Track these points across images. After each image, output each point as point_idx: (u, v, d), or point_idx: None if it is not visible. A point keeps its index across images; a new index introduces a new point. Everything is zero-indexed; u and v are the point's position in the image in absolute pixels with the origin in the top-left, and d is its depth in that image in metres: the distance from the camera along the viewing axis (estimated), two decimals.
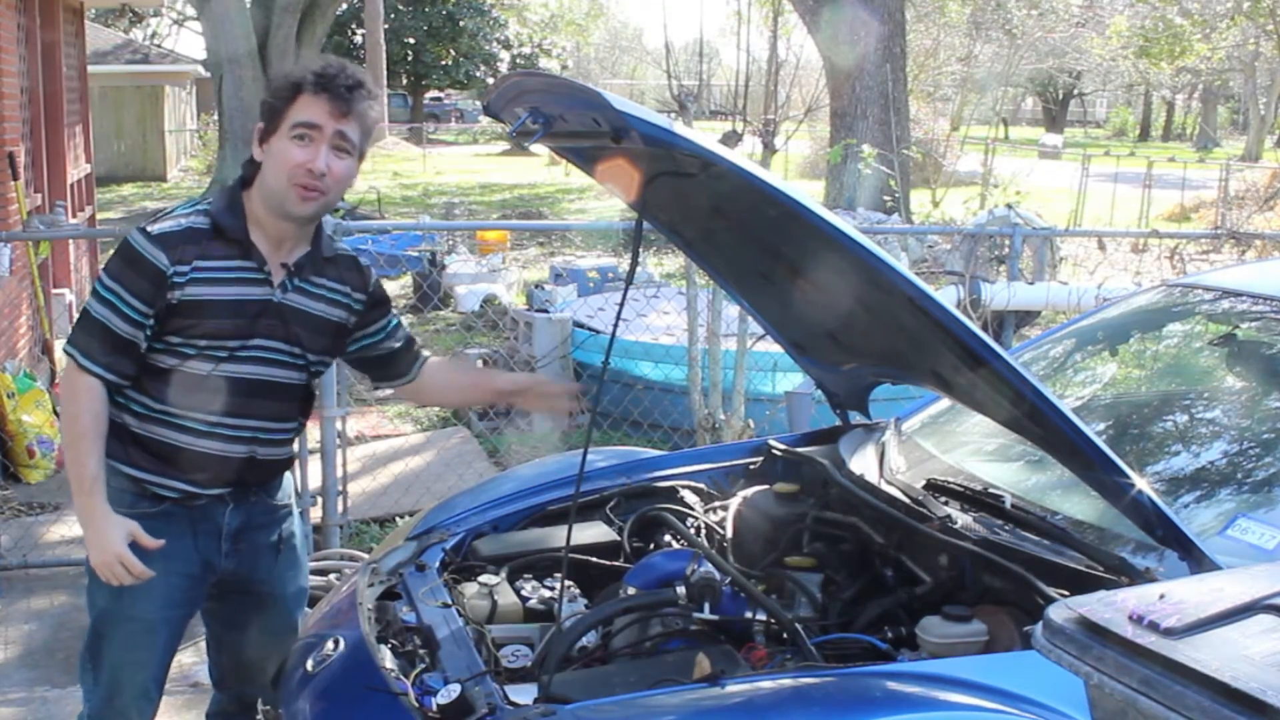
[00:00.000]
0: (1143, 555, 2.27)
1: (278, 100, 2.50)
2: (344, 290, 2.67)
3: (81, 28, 13.96)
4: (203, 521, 2.60)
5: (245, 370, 2.53)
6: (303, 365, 2.62)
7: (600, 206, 20.09)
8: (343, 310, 2.67)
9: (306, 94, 2.47)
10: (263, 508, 2.70)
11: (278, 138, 2.48)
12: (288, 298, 2.56)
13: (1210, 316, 3.41)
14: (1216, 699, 1.31)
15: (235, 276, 2.50)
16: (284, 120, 2.47)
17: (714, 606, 2.40)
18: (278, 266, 2.55)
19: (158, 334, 2.47)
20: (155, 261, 2.43)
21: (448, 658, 2.30)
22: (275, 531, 2.75)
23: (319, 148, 2.46)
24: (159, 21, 37.16)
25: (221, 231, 2.49)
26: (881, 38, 14.34)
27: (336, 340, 2.70)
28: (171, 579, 2.56)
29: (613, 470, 3.22)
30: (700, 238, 3.06)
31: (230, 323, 2.49)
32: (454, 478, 5.62)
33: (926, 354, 2.58)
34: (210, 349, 2.49)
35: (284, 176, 2.45)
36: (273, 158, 2.48)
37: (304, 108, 2.47)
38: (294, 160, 2.45)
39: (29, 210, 7.55)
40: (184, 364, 2.49)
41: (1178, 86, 45.90)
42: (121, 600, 2.54)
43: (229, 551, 2.66)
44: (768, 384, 6.28)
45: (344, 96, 2.47)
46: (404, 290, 12.13)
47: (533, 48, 42.58)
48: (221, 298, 2.48)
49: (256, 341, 2.53)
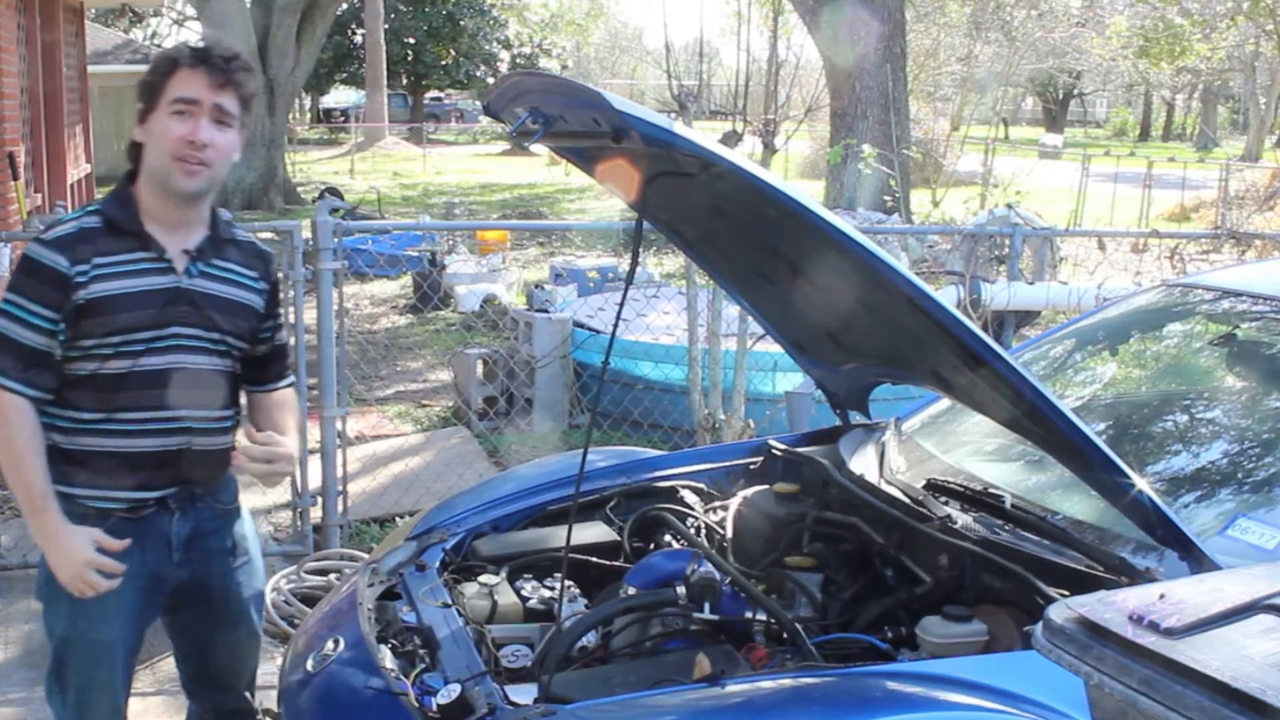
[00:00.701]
0: (1143, 555, 2.28)
1: (154, 77, 2.46)
2: (250, 275, 2.62)
3: (81, 28, 13.97)
4: (150, 534, 2.54)
5: (166, 361, 2.49)
6: (224, 350, 2.58)
7: (600, 206, 20.09)
8: (253, 294, 2.63)
9: (183, 68, 2.44)
10: (210, 512, 2.64)
11: (157, 115, 2.45)
12: (195, 282, 2.52)
13: (1210, 316, 3.41)
14: (1216, 699, 1.31)
15: (137, 268, 2.46)
16: (162, 97, 2.44)
17: (714, 606, 2.40)
18: (179, 253, 2.51)
19: (71, 340, 2.43)
20: (55, 266, 2.40)
21: (448, 658, 2.30)
22: (227, 536, 2.69)
23: (199, 121, 2.42)
24: (159, 21, 37.20)
25: (115, 226, 2.47)
26: (881, 38, 14.33)
27: (252, 324, 2.64)
28: (125, 595, 2.51)
29: (613, 470, 3.23)
30: (700, 238, 3.06)
31: (140, 314, 2.45)
32: (454, 478, 5.62)
33: (926, 354, 2.58)
34: (125, 345, 2.45)
35: (166, 153, 2.42)
36: (153, 136, 2.45)
37: (181, 83, 2.43)
38: (174, 135, 2.42)
39: (29, 210, 7.55)
40: (103, 366, 2.45)
41: (1178, 86, 45.89)
42: (78, 625, 2.52)
43: (181, 561, 2.60)
44: (768, 384, 6.28)
45: (221, 68, 2.44)
46: (404, 290, 12.14)
47: (533, 48, 42.58)
48: (127, 291, 2.45)
49: (172, 330, 2.49)
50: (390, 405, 7.85)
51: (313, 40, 21.05)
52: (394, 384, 8.56)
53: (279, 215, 18.04)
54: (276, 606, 4.49)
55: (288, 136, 23.95)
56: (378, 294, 12.22)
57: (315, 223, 5.03)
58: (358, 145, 33.19)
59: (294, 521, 5.33)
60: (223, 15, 19.25)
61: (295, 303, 5.01)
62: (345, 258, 5.52)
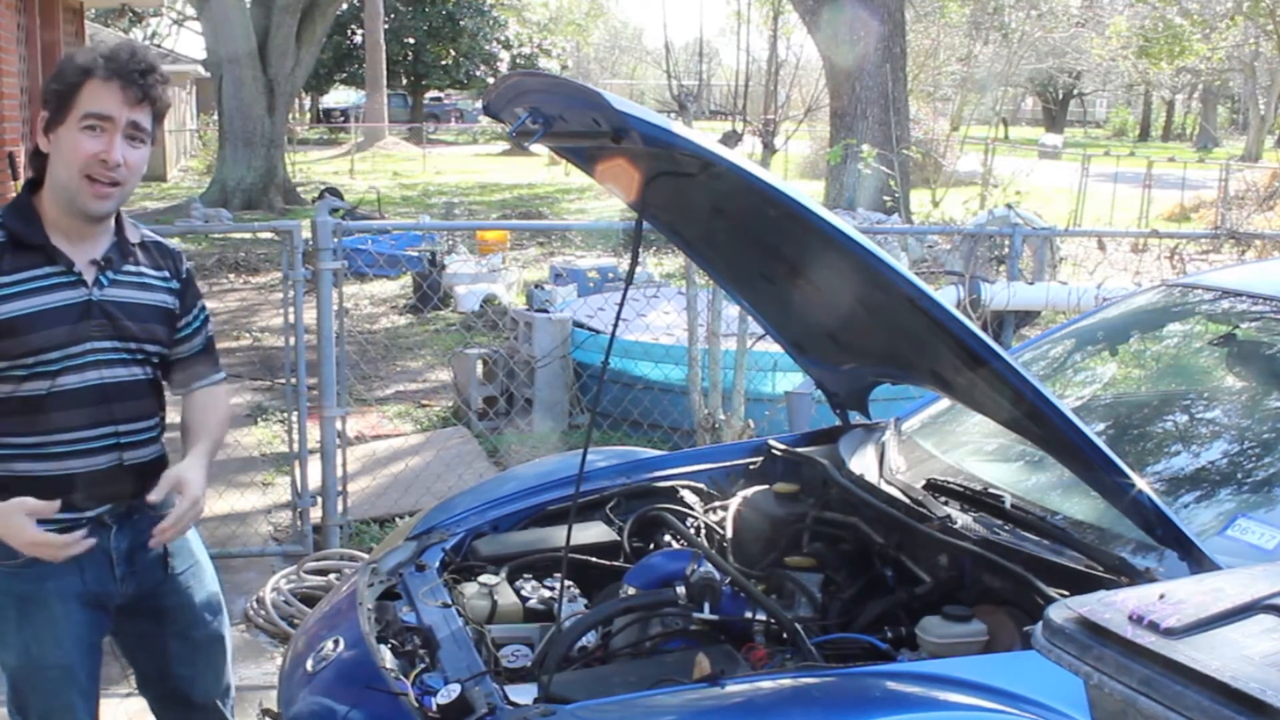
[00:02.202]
0: (1143, 555, 2.28)
1: (63, 86, 2.31)
2: (160, 275, 2.53)
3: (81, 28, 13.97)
4: (89, 553, 2.41)
5: (85, 378, 2.39)
6: (142, 359, 2.48)
7: (600, 206, 20.10)
8: (165, 294, 2.53)
9: (96, 80, 2.30)
10: (148, 522, 2.49)
11: (66, 128, 2.31)
12: (106, 293, 2.41)
13: (1210, 316, 3.41)
14: (1216, 699, 1.31)
15: (44, 285, 2.35)
16: (72, 109, 2.30)
17: (714, 606, 2.40)
18: (87, 264, 2.40)
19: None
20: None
21: (448, 658, 2.30)
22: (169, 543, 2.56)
23: (112, 138, 2.30)
24: (159, 21, 37.17)
25: (18, 240, 2.34)
26: (881, 38, 14.33)
27: (168, 327, 2.54)
28: (73, 618, 2.45)
29: (613, 470, 3.23)
30: (700, 238, 3.06)
31: (52, 333, 2.34)
32: (454, 478, 5.62)
33: (926, 354, 2.58)
34: (40, 365, 2.34)
35: (75, 169, 2.30)
36: (61, 150, 2.32)
37: (94, 96, 2.30)
38: (86, 152, 2.30)
39: None
40: (19, 388, 2.34)
41: (1178, 86, 45.92)
42: (30, 653, 2.44)
43: (124, 575, 2.51)
44: (768, 384, 6.28)
45: (137, 83, 2.31)
46: (404, 290, 12.14)
47: (533, 48, 42.61)
48: (35, 309, 2.33)
49: (87, 346, 2.38)
50: (390, 405, 7.85)
51: (313, 40, 21.05)
52: (394, 384, 8.56)
53: (279, 215, 18.05)
54: (276, 607, 4.49)
55: (287, 136, 23.94)
56: (378, 294, 12.22)
57: (315, 223, 5.03)
58: (357, 145, 33.20)
59: (294, 521, 5.33)
60: (222, 15, 19.27)
61: (295, 303, 5.02)
62: (345, 258, 5.52)
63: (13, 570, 2.41)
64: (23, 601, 2.43)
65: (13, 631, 2.44)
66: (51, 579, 2.42)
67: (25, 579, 2.41)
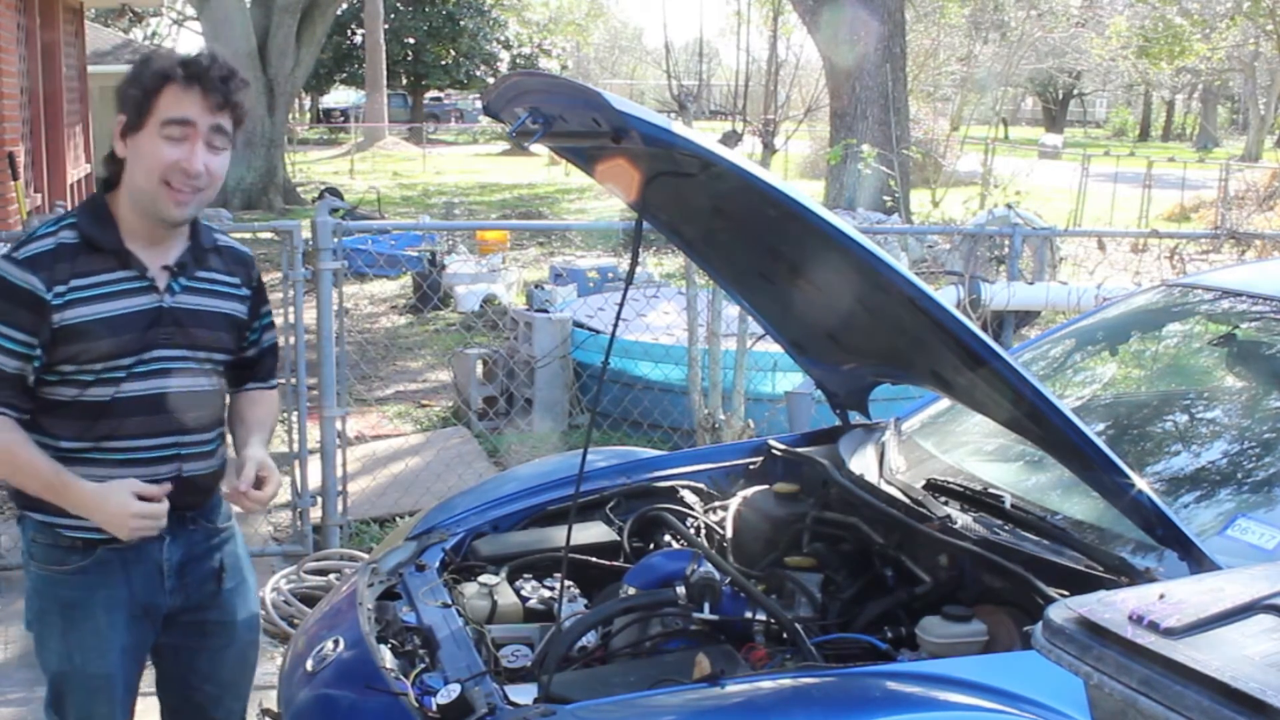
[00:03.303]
0: (1143, 555, 2.27)
1: (140, 91, 2.25)
2: (233, 282, 2.48)
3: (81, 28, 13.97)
4: (140, 563, 2.40)
5: (150, 386, 2.34)
6: (209, 368, 2.44)
7: (600, 206, 20.10)
8: (235, 302, 2.48)
9: (175, 86, 2.24)
10: (202, 534, 2.50)
11: (145, 135, 2.25)
12: (178, 300, 2.37)
13: (1210, 316, 3.41)
14: (1216, 699, 1.31)
15: (117, 289, 2.30)
16: (151, 115, 2.24)
17: (714, 606, 2.40)
18: (159, 270, 2.35)
19: (48, 365, 2.27)
20: (30, 288, 2.23)
21: (448, 658, 2.30)
22: (219, 558, 2.55)
23: (194, 145, 2.25)
24: (159, 21, 37.19)
25: (93, 244, 2.29)
26: (881, 38, 14.33)
27: (237, 335, 2.50)
28: (118, 628, 2.41)
29: (613, 470, 3.22)
30: (700, 238, 3.06)
31: (122, 340, 2.29)
32: (454, 478, 5.62)
33: (926, 354, 2.58)
34: (107, 372, 2.30)
35: (155, 176, 2.25)
36: (141, 157, 2.27)
37: (175, 102, 2.24)
38: (166, 160, 2.25)
39: (29, 210, 7.55)
40: (84, 393, 2.30)
41: (1178, 86, 45.90)
42: (73, 659, 2.41)
43: (173, 588, 2.46)
44: (768, 384, 6.28)
45: (218, 88, 2.26)
46: (404, 290, 12.14)
47: (533, 48, 42.61)
48: (107, 314, 2.28)
49: (155, 353, 2.34)
50: (390, 405, 7.85)
51: (313, 40, 21.06)
52: (394, 384, 8.56)
53: (279, 215, 18.04)
54: (276, 606, 4.49)
55: (287, 136, 23.94)
56: (377, 294, 12.22)
57: (315, 223, 5.03)
58: (357, 145, 33.21)
59: (294, 521, 5.33)
60: (223, 15, 19.27)
61: (295, 303, 5.02)
62: (345, 258, 5.52)
63: (61, 576, 2.38)
64: (69, 608, 2.39)
65: (57, 638, 2.41)
66: (101, 588, 2.38)
67: (73, 586, 2.38)
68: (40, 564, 2.41)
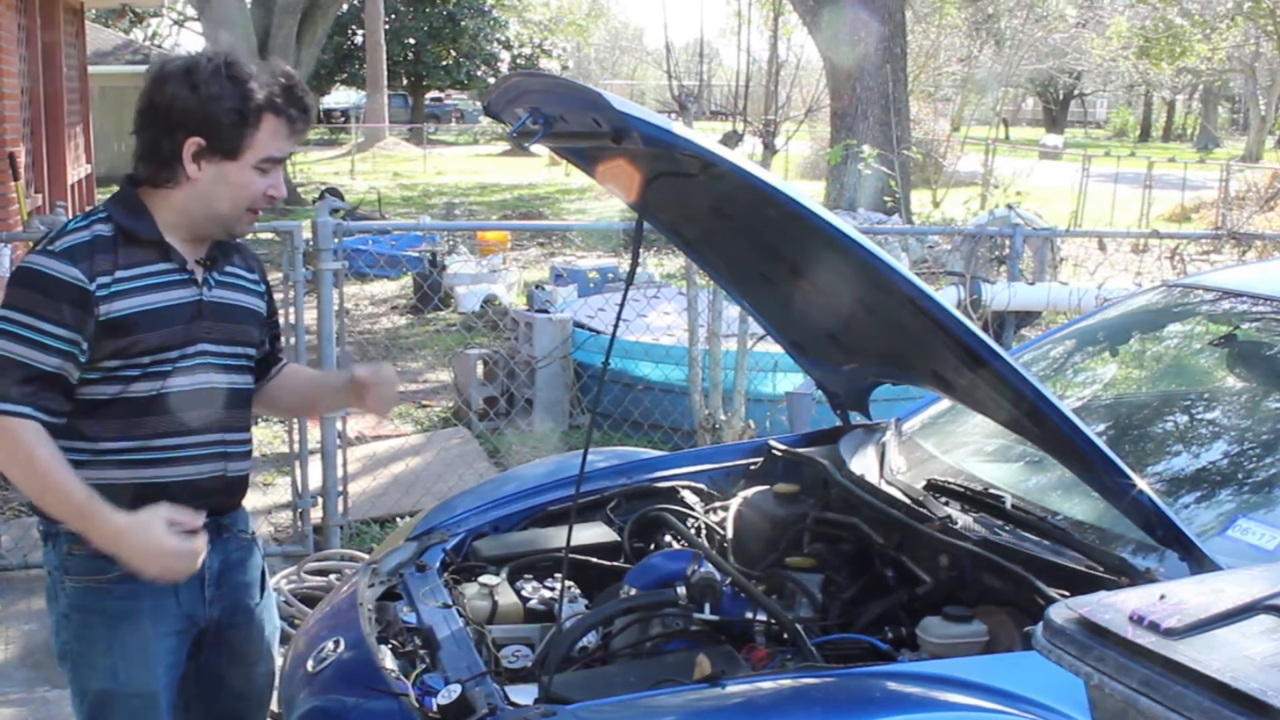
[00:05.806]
0: (1143, 555, 2.27)
1: (236, 122, 2.22)
2: (253, 278, 2.48)
3: (82, 28, 13.98)
4: None
5: (196, 381, 2.29)
6: (245, 365, 2.42)
7: (600, 206, 20.10)
8: (257, 298, 2.47)
9: (273, 119, 2.25)
10: (235, 543, 2.45)
11: (237, 166, 2.24)
12: (214, 294, 2.34)
13: (1210, 317, 3.41)
14: (1217, 699, 1.31)
15: (160, 281, 2.26)
16: (249, 149, 2.24)
17: (714, 607, 2.40)
18: (194, 264, 2.34)
19: (92, 361, 2.19)
20: (69, 279, 2.15)
21: (448, 658, 2.30)
22: (251, 568, 2.51)
23: (279, 173, 2.30)
24: (159, 21, 37.18)
25: (131, 236, 2.24)
26: (882, 38, 14.33)
27: (260, 329, 2.49)
28: (165, 641, 2.33)
29: (613, 470, 3.23)
30: (700, 238, 3.06)
31: (170, 332, 2.25)
32: (454, 478, 5.62)
33: (927, 354, 2.58)
34: (155, 366, 2.24)
35: (243, 205, 2.28)
36: (229, 186, 2.25)
37: (274, 139, 2.26)
38: (258, 191, 2.27)
39: (29, 210, 7.55)
40: (127, 389, 2.23)
41: (1178, 87, 45.93)
42: (118, 677, 2.29)
43: (213, 598, 2.40)
44: (768, 384, 6.28)
45: (306, 120, 2.31)
46: (404, 290, 12.14)
47: (533, 48, 42.58)
48: (154, 306, 2.23)
49: (200, 347, 2.30)
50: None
51: (313, 40, 21.06)
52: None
53: (279, 215, 18.01)
54: (277, 606, 4.49)
55: None
56: (378, 294, 12.22)
57: (315, 223, 5.04)
58: (358, 146, 33.19)
59: (294, 522, 5.33)
60: (223, 16, 19.26)
61: (295, 303, 5.02)
62: (345, 258, 5.53)
63: (104, 586, 2.27)
64: (115, 620, 2.29)
65: (101, 653, 2.30)
66: (147, 597, 2.27)
67: (118, 595, 2.27)
68: (78, 577, 2.28)
